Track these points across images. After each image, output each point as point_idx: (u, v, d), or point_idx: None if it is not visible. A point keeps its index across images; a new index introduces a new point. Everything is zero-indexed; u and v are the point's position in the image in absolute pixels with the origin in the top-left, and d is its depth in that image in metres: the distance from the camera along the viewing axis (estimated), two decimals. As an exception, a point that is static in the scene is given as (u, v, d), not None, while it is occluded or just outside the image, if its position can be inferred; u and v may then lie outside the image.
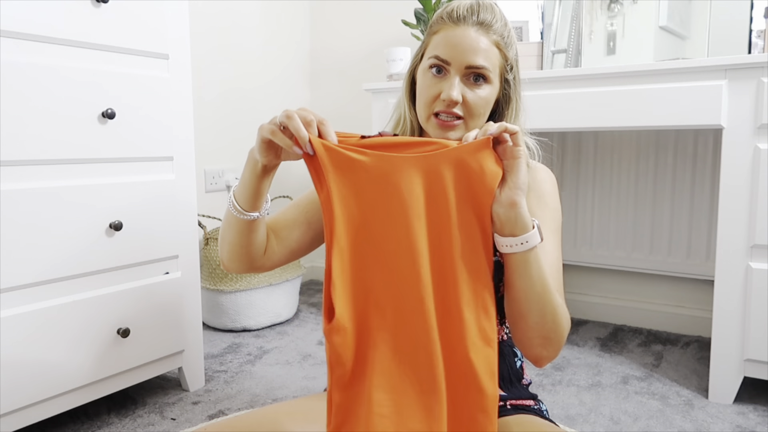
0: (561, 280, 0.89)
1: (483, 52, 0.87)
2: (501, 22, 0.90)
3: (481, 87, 0.88)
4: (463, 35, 0.87)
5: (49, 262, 1.31)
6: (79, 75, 1.33)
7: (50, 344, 1.32)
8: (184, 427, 1.47)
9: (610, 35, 1.99)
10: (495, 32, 0.88)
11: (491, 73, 0.88)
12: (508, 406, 0.92)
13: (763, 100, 1.47)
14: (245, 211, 0.85)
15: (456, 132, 0.89)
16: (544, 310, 0.80)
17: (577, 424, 1.49)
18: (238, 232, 0.87)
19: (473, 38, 0.87)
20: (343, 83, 2.75)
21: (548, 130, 1.81)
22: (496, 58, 0.89)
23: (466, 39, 0.87)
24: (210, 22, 2.35)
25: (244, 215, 0.85)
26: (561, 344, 0.83)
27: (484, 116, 0.91)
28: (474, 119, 0.89)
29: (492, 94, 0.90)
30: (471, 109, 0.88)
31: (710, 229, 2.04)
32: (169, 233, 1.55)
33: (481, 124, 0.90)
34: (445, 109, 0.88)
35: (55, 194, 1.31)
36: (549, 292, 0.79)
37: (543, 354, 0.83)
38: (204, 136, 2.32)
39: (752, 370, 1.55)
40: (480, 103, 0.88)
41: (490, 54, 0.88)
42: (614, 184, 2.20)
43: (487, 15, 0.88)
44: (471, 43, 0.87)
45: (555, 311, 0.80)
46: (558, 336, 0.82)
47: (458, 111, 0.88)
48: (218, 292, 2.16)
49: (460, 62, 0.87)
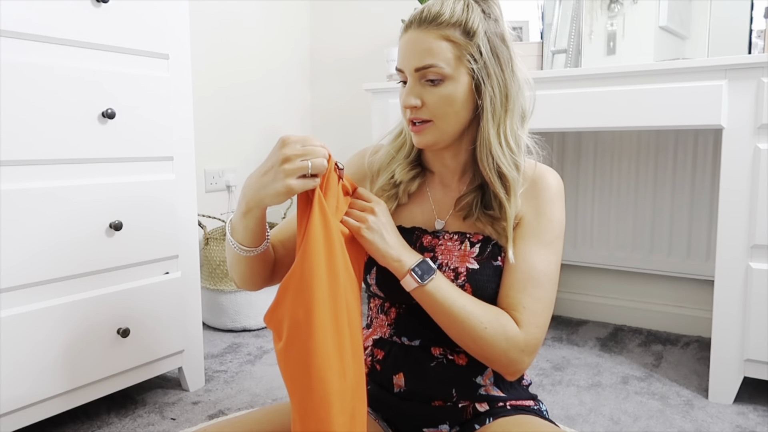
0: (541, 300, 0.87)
1: (427, 52, 0.84)
2: (454, 10, 0.84)
3: (439, 86, 0.85)
4: (407, 40, 0.86)
5: (49, 262, 1.31)
6: (79, 75, 1.33)
7: (50, 344, 1.32)
8: (184, 427, 1.47)
9: (610, 35, 1.99)
10: (444, 24, 0.84)
11: (446, 68, 0.84)
12: (508, 407, 0.92)
13: (763, 100, 1.47)
14: (250, 248, 0.85)
15: (425, 135, 0.88)
16: (461, 335, 0.85)
17: (577, 424, 1.49)
18: (247, 265, 0.87)
19: (415, 40, 0.85)
20: (343, 83, 2.75)
21: (548, 130, 1.81)
22: (447, 51, 0.84)
23: (409, 43, 0.86)
24: (210, 21, 2.35)
25: (251, 252, 0.85)
26: (508, 365, 0.86)
27: (454, 114, 0.87)
28: (440, 119, 0.87)
29: (456, 89, 0.85)
30: (433, 110, 0.86)
31: (710, 229, 2.04)
32: (169, 233, 1.55)
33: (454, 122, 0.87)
34: (411, 117, 0.88)
35: (55, 194, 1.31)
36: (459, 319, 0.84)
37: (501, 371, 0.88)
38: (204, 136, 2.32)
39: (752, 370, 1.55)
40: (441, 103, 0.86)
41: (438, 50, 0.84)
42: (614, 184, 2.20)
43: (434, 9, 0.84)
44: (413, 47, 0.85)
45: (473, 337, 0.84)
46: (493, 361, 0.86)
47: (423, 115, 0.87)
48: (218, 292, 2.16)
49: (409, 68, 0.86)
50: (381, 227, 0.85)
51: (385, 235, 0.85)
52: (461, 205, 0.92)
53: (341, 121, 2.76)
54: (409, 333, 0.93)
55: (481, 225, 0.90)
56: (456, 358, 0.92)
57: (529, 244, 0.89)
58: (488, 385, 0.92)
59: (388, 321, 0.95)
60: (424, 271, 0.84)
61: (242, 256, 0.85)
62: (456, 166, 0.94)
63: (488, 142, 0.87)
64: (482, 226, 0.90)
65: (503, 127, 0.87)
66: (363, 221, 0.85)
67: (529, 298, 0.86)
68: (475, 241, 0.90)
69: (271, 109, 2.65)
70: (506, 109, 0.87)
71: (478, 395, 0.92)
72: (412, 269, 0.84)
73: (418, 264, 0.85)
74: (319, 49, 2.82)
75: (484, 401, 0.92)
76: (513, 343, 0.84)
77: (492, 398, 0.92)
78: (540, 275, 0.88)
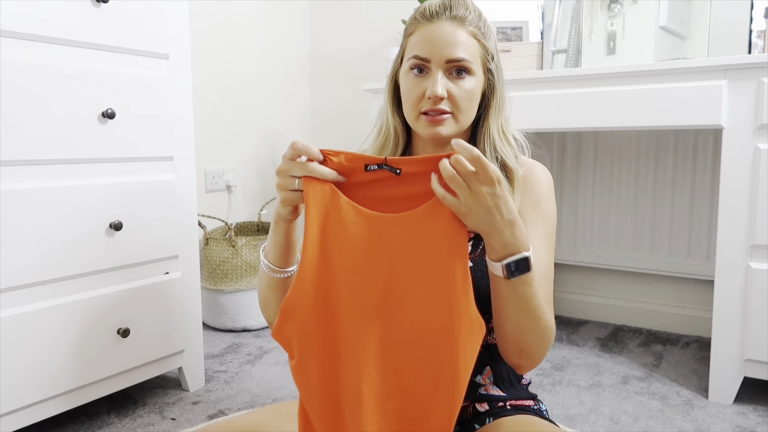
0: (550, 289, 0.88)
1: (461, 45, 0.86)
2: (475, 14, 0.89)
3: (465, 79, 0.87)
4: (439, 30, 0.87)
5: (49, 262, 1.31)
6: (79, 75, 1.33)
7: (50, 344, 1.32)
8: (184, 427, 1.47)
9: (610, 35, 1.99)
10: (470, 23, 0.88)
11: (473, 65, 0.88)
12: (508, 407, 0.92)
13: (763, 100, 1.47)
14: (284, 270, 0.85)
15: (445, 126, 0.88)
16: (521, 326, 0.79)
17: (577, 424, 1.49)
18: (273, 289, 0.87)
19: (449, 31, 0.86)
20: (343, 83, 2.75)
21: (548, 130, 1.81)
22: (475, 49, 0.88)
23: (442, 33, 0.86)
24: (210, 21, 2.35)
25: (285, 273, 0.85)
26: (538, 357, 0.83)
27: (472, 108, 0.90)
28: (462, 112, 0.88)
29: (477, 85, 0.89)
30: (457, 102, 0.87)
31: (710, 229, 2.04)
32: (169, 233, 1.55)
33: (470, 116, 0.90)
34: (432, 107, 0.87)
35: (55, 194, 1.31)
36: (531, 311, 0.78)
37: (520, 363, 0.84)
38: (204, 136, 2.32)
39: (752, 370, 1.55)
40: (466, 96, 0.88)
41: (469, 45, 0.87)
42: (614, 184, 2.20)
43: (459, 9, 0.88)
44: (448, 37, 0.86)
45: (535, 328, 0.79)
46: (535, 350, 0.82)
47: (445, 107, 0.87)
48: (218, 292, 2.16)
49: (440, 57, 0.86)
50: (500, 201, 0.73)
51: (503, 210, 0.73)
52: None
53: (341, 121, 2.76)
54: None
55: None
56: (456, 358, 0.92)
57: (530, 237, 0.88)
58: (488, 384, 0.93)
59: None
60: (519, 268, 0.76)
61: (275, 279, 0.85)
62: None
63: (492, 137, 0.92)
64: None
65: (503, 122, 0.93)
66: (482, 198, 0.72)
67: (545, 292, 0.86)
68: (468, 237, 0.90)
69: (271, 109, 2.65)
70: (503, 107, 0.94)
71: (478, 395, 0.92)
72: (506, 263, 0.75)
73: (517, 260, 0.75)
74: (319, 48, 2.82)
75: (483, 401, 0.92)
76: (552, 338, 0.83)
77: (492, 398, 0.92)
78: (545, 268, 0.88)
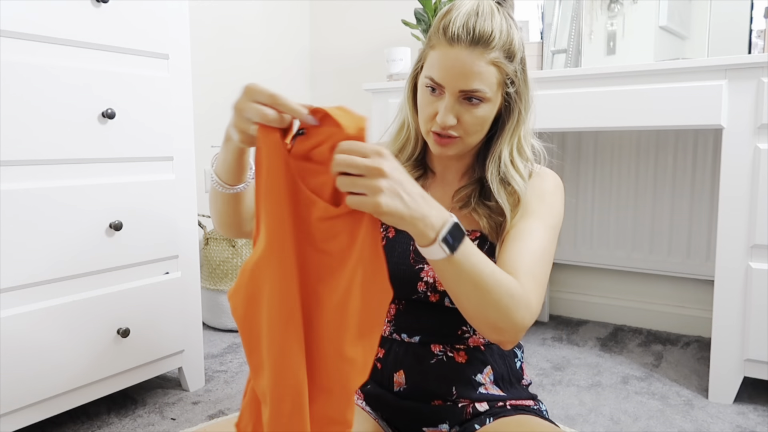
0: (540, 267, 0.84)
1: (477, 76, 0.84)
2: (501, 31, 0.85)
3: (478, 107, 0.87)
4: (456, 58, 0.84)
5: (49, 262, 1.31)
6: (79, 75, 1.33)
7: (50, 344, 1.32)
8: (184, 427, 1.47)
9: (610, 35, 1.99)
10: (494, 48, 0.84)
11: (489, 93, 0.86)
12: (508, 407, 0.92)
13: (763, 100, 1.47)
14: (231, 186, 0.83)
15: (450, 149, 0.89)
16: (482, 301, 0.74)
17: (577, 424, 1.49)
18: (225, 203, 0.85)
19: (468, 62, 0.84)
20: (343, 83, 2.75)
21: (548, 130, 1.80)
22: (493, 76, 0.86)
23: (458, 62, 0.84)
24: (210, 21, 2.35)
25: (231, 189, 0.84)
26: (517, 329, 0.77)
27: (482, 131, 0.90)
28: (470, 135, 0.89)
29: (491, 110, 0.88)
30: (467, 128, 0.88)
31: (710, 229, 2.04)
32: (169, 233, 1.55)
33: (480, 137, 0.90)
34: (441, 131, 0.88)
35: (55, 194, 1.31)
36: (484, 282, 0.73)
37: (500, 339, 0.79)
38: (204, 136, 2.32)
39: (752, 370, 1.55)
40: (476, 122, 0.88)
41: (486, 75, 0.85)
42: (614, 184, 2.20)
43: (485, 28, 0.84)
44: (463, 68, 0.84)
45: (498, 302, 0.74)
46: (508, 324, 0.76)
47: (453, 132, 0.87)
48: (218, 292, 2.16)
49: (453, 87, 0.85)
50: (398, 188, 0.65)
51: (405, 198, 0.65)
52: (459, 196, 0.94)
53: (341, 121, 2.76)
54: (409, 329, 0.93)
55: (477, 217, 0.91)
56: (456, 356, 0.92)
57: (530, 221, 0.88)
58: (488, 383, 0.93)
59: (388, 318, 0.95)
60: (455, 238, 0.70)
61: (221, 193, 0.84)
62: (460, 167, 0.97)
63: (503, 161, 0.91)
64: (478, 218, 0.91)
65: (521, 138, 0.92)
66: (376, 192, 0.63)
67: (532, 265, 0.83)
68: (472, 239, 0.90)
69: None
70: (523, 121, 0.92)
71: (478, 394, 0.92)
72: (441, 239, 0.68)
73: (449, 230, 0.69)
74: (319, 49, 2.82)
75: (483, 401, 0.92)
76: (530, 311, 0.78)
77: (492, 398, 0.92)
78: (540, 249, 0.86)
